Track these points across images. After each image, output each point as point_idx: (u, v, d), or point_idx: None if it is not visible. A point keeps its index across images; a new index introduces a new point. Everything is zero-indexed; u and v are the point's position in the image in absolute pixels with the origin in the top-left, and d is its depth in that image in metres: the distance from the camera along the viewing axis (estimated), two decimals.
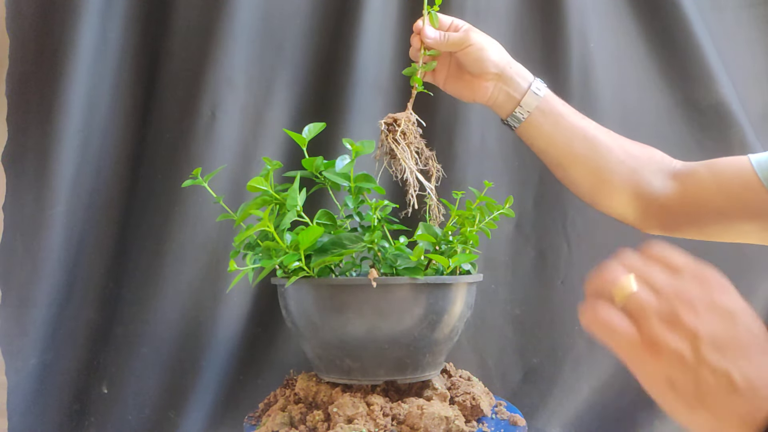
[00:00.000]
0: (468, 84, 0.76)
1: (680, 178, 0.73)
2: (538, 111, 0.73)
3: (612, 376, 1.01)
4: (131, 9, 0.95)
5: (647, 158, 0.75)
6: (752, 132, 1.00)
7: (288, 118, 0.97)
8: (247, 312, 0.97)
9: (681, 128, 1.02)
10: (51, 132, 0.89)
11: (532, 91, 0.73)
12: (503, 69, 0.74)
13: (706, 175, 0.70)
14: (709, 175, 0.70)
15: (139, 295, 0.94)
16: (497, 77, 0.74)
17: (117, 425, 0.94)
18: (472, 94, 0.76)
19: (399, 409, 0.65)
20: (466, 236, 0.71)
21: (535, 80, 0.74)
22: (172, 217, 0.93)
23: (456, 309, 0.68)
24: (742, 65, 1.04)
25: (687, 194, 0.71)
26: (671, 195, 0.72)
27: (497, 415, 0.72)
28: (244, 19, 0.94)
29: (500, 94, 0.75)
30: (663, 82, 1.03)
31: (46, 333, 0.92)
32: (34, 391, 0.92)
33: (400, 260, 0.67)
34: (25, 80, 0.91)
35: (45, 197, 0.90)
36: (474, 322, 1.00)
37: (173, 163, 0.94)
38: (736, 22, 1.05)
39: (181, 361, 0.94)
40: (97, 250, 0.95)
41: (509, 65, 0.74)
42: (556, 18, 1.00)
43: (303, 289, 0.66)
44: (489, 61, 0.73)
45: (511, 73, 0.74)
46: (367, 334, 0.64)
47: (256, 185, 0.67)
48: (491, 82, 0.74)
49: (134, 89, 0.96)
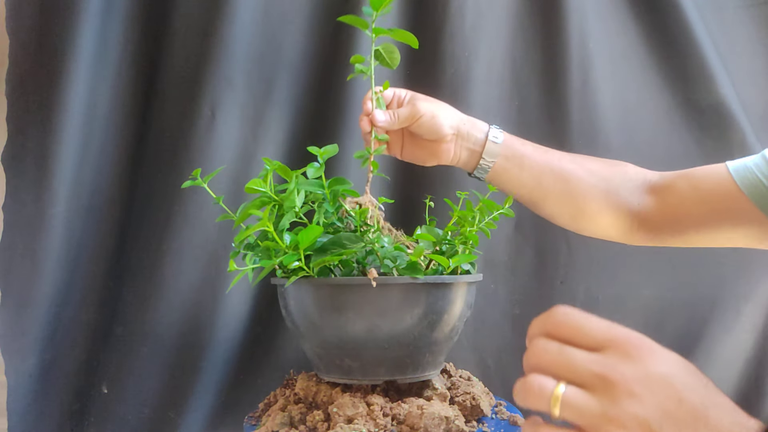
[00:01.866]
0: (427, 150, 0.76)
1: (658, 191, 0.73)
2: (501, 157, 0.73)
3: None
4: (131, 9, 0.95)
5: (620, 177, 0.75)
6: (752, 132, 1.00)
7: (288, 118, 0.98)
8: (247, 312, 0.97)
9: (681, 128, 1.02)
10: (51, 132, 0.89)
11: (491, 141, 0.74)
12: (458, 128, 0.74)
13: (684, 186, 0.71)
14: (687, 186, 0.71)
15: (139, 295, 0.94)
16: (455, 137, 0.74)
17: (117, 425, 0.94)
18: (434, 159, 0.76)
19: (399, 409, 0.65)
20: (466, 236, 0.71)
21: (490, 128, 0.75)
22: (172, 217, 0.93)
23: (456, 308, 0.68)
24: (742, 65, 1.04)
25: (667, 207, 0.72)
26: (651, 209, 0.73)
27: (497, 415, 0.72)
28: (244, 19, 0.94)
29: (462, 151, 0.75)
30: (663, 82, 1.03)
31: (45, 333, 0.92)
32: (34, 391, 0.92)
33: (399, 260, 0.67)
34: (25, 80, 0.91)
35: (45, 197, 0.90)
36: (474, 322, 1.00)
37: (173, 163, 0.94)
38: (736, 22, 1.05)
39: (181, 361, 0.94)
40: (97, 250, 0.95)
41: (462, 122, 0.74)
42: (556, 18, 1.00)
43: (303, 288, 0.66)
44: (443, 126, 0.73)
45: (467, 128, 0.74)
46: (367, 333, 0.64)
47: (254, 187, 0.67)
48: (450, 143, 0.74)
49: (134, 89, 0.96)
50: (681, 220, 0.71)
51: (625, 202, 0.74)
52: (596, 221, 0.75)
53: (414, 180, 0.99)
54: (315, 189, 0.69)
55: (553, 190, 0.74)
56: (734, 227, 0.68)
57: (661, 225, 0.73)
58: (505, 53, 1.01)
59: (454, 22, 0.98)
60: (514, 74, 1.02)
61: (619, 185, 0.74)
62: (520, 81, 1.02)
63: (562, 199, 0.75)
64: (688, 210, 0.70)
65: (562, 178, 0.74)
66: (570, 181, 0.74)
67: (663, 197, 0.73)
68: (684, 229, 0.72)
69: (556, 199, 0.75)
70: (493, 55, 1.00)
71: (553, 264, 1.01)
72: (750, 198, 0.65)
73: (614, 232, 0.76)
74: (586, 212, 0.75)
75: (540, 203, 0.76)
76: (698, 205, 0.70)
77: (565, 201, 0.75)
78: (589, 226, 0.77)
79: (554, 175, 0.74)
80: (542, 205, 0.77)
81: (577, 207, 0.74)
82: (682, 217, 0.71)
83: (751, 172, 0.66)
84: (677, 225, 0.72)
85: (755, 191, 0.65)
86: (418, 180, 0.99)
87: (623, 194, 0.74)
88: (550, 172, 0.74)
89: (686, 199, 0.71)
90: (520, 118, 1.01)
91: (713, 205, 0.68)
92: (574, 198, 0.74)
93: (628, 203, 0.74)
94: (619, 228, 0.75)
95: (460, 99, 0.97)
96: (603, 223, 0.75)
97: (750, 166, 0.67)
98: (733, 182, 0.66)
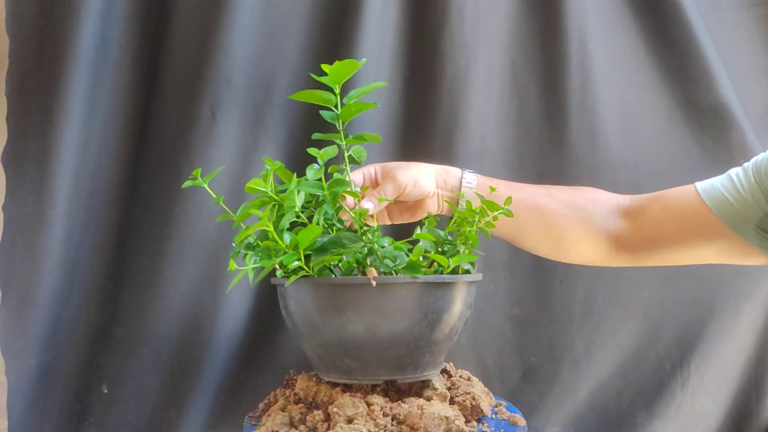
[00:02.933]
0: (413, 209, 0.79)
1: (631, 214, 0.77)
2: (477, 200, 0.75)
3: (611, 375, 1.01)
4: (131, 9, 0.95)
5: (593, 204, 0.79)
6: (752, 132, 1.00)
7: (288, 118, 0.98)
8: (247, 312, 0.97)
9: (681, 128, 1.02)
10: (51, 132, 0.89)
11: (465, 186, 0.77)
12: (437, 182, 0.77)
13: (656, 208, 0.75)
14: (659, 208, 0.75)
15: (139, 296, 0.94)
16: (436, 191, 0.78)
17: (117, 425, 0.94)
18: (422, 213, 0.79)
19: (399, 409, 0.65)
20: (466, 236, 0.71)
21: (463, 174, 0.78)
22: (172, 218, 0.93)
23: (456, 308, 0.68)
24: (742, 65, 1.04)
25: (642, 228, 0.76)
26: (627, 232, 0.76)
27: (497, 415, 0.72)
28: (244, 20, 0.94)
29: (442, 200, 0.78)
30: (663, 82, 1.02)
31: (46, 333, 0.92)
32: (34, 391, 0.92)
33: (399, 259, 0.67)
34: (25, 80, 0.92)
35: (45, 197, 0.90)
36: (473, 322, 1.00)
37: (173, 163, 0.94)
38: (736, 22, 1.05)
39: (181, 361, 0.94)
40: (97, 251, 0.95)
41: (438, 174, 0.78)
42: (555, 18, 1.00)
43: (303, 288, 0.66)
44: (425, 186, 0.76)
45: (443, 178, 0.78)
46: (366, 333, 0.64)
47: (254, 186, 0.67)
48: (433, 197, 0.78)
49: (134, 89, 0.96)
50: (656, 239, 0.75)
51: (600, 227, 0.77)
52: (576, 249, 0.79)
53: None
54: (315, 190, 0.69)
55: (529, 225, 0.78)
56: (706, 244, 0.72)
57: (638, 246, 0.77)
58: (504, 54, 1.01)
59: (454, 24, 0.98)
60: (514, 75, 1.02)
61: (592, 212, 0.78)
62: (520, 82, 1.02)
63: (539, 232, 0.78)
64: (661, 230, 0.74)
65: (537, 212, 0.77)
66: (545, 214, 0.77)
67: (637, 219, 0.76)
68: (660, 248, 0.75)
69: (534, 232, 0.79)
70: (492, 56, 1.00)
71: (552, 264, 1.00)
72: (717, 215, 0.69)
73: (595, 257, 0.80)
74: (564, 242, 0.78)
75: (519, 238, 0.80)
76: (671, 225, 0.74)
77: (543, 234, 0.78)
78: (570, 254, 0.80)
79: (529, 210, 0.77)
80: (522, 240, 0.80)
81: (555, 238, 0.78)
82: (656, 237, 0.75)
83: (718, 191, 0.71)
84: (653, 245, 0.76)
85: (721, 208, 0.69)
86: None
87: (597, 220, 0.77)
88: (525, 208, 0.77)
89: (659, 220, 0.75)
90: (520, 119, 1.01)
91: (685, 224, 0.72)
92: (551, 230, 0.78)
93: (604, 228, 0.77)
94: (599, 253, 0.78)
95: (460, 100, 0.98)
96: (583, 250, 0.79)
97: (716, 185, 0.71)
98: (702, 201, 0.71)
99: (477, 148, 0.99)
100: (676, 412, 1.01)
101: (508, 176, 1.01)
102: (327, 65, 0.69)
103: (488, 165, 1.00)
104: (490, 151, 1.00)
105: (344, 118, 0.72)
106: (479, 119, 0.99)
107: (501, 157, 1.01)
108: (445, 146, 0.98)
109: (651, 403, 1.01)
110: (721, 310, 1.01)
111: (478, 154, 0.99)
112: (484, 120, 0.99)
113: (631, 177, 1.01)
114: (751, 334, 1.02)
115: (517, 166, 1.02)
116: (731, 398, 1.02)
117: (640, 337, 1.01)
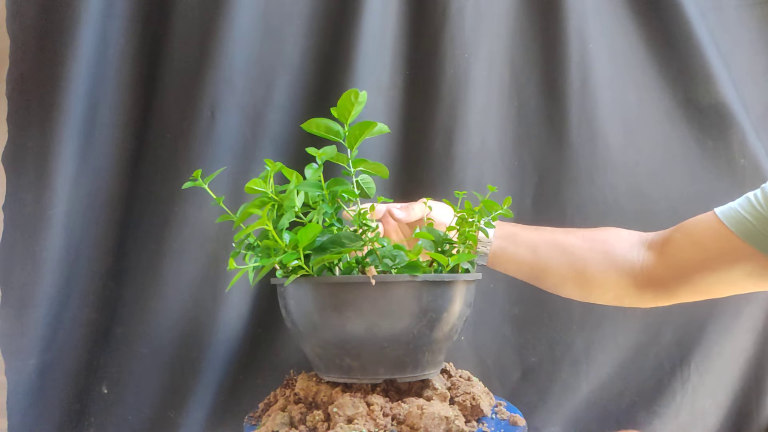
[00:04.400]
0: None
1: (656, 246, 0.76)
2: (495, 238, 0.76)
3: (611, 375, 1.01)
4: (131, 9, 0.95)
5: (615, 237, 0.78)
6: (752, 132, 1.00)
7: (288, 119, 0.98)
8: (247, 312, 0.97)
9: (681, 128, 1.02)
10: (51, 132, 0.90)
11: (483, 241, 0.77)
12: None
13: (679, 237, 0.74)
14: (682, 236, 0.74)
15: (139, 295, 0.94)
16: None
17: (117, 425, 0.94)
18: None
19: (399, 409, 0.65)
20: (465, 236, 0.71)
21: None
22: (172, 217, 0.94)
23: (455, 307, 0.68)
24: (742, 65, 1.04)
25: (668, 259, 0.74)
26: (653, 264, 0.75)
27: (497, 415, 0.72)
28: (244, 20, 0.94)
29: None
30: (663, 82, 1.03)
31: (46, 333, 0.92)
32: (34, 391, 0.92)
33: (398, 258, 0.67)
34: (25, 80, 0.92)
35: (45, 197, 0.90)
36: (473, 322, 1.00)
37: (173, 163, 0.94)
38: (736, 22, 1.05)
39: (181, 361, 0.94)
40: (97, 250, 0.95)
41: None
42: (555, 18, 1.00)
43: (302, 287, 0.66)
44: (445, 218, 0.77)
45: None
46: (366, 332, 0.64)
47: (254, 187, 0.67)
48: None
49: (134, 89, 0.96)
50: (682, 268, 0.74)
51: (625, 259, 0.76)
52: (602, 284, 0.77)
53: (414, 179, 1.00)
54: (314, 190, 0.69)
55: (552, 260, 0.76)
56: (732, 266, 0.71)
57: (666, 277, 0.75)
58: (504, 54, 1.01)
59: (454, 24, 0.98)
60: (514, 75, 1.02)
61: (614, 244, 0.77)
62: (520, 81, 1.02)
63: (563, 268, 0.77)
64: (687, 257, 0.73)
65: (559, 247, 0.76)
66: (566, 249, 0.76)
67: (661, 250, 0.75)
68: (688, 277, 0.74)
69: (557, 268, 0.77)
70: (492, 56, 1.00)
71: None
72: (739, 236, 0.69)
73: (622, 293, 0.77)
74: (588, 276, 0.76)
75: (543, 276, 0.78)
76: (695, 250, 0.73)
77: (567, 269, 0.76)
78: (595, 290, 0.78)
79: (549, 246, 0.77)
80: (545, 277, 0.78)
81: (579, 272, 0.76)
82: (682, 265, 0.74)
83: (737, 212, 0.70)
84: (680, 274, 0.74)
85: (743, 228, 0.69)
86: (418, 179, 0.99)
87: (621, 253, 0.76)
88: (545, 243, 0.76)
89: (683, 248, 0.74)
90: (520, 119, 1.01)
91: (709, 248, 0.72)
92: (574, 264, 0.76)
93: (628, 260, 0.76)
94: (626, 287, 0.76)
95: (460, 100, 0.98)
96: (609, 285, 0.77)
97: (735, 207, 0.71)
98: (722, 224, 0.70)
99: (477, 147, 0.99)
100: (676, 412, 1.01)
101: (508, 176, 1.02)
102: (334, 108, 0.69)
103: (488, 165, 1.00)
104: (490, 150, 1.01)
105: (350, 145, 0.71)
106: (479, 119, 0.99)
107: (501, 156, 1.01)
108: (445, 146, 0.98)
109: (651, 402, 1.01)
110: (721, 310, 1.01)
111: (478, 154, 0.99)
112: (484, 120, 0.99)
113: (631, 177, 1.01)
114: (751, 334, 1.02)
115: (517, 165, 1.02)
116: (731, 398, 1.02)
117: (640, 337, 1.01)
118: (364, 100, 0.70)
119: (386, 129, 0.73)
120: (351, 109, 0.70)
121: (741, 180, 0.99)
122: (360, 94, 0.70)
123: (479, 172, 0.99)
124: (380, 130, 0.72)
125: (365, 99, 0.71)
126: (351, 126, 0.71)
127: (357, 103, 0.70)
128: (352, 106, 0.70)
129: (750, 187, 0.74)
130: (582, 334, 1.00)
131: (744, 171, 0.99)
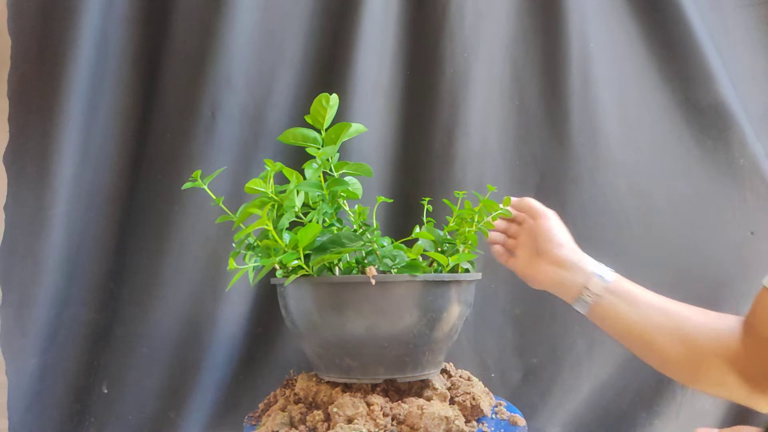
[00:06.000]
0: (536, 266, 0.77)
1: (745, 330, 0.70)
2: (608, 293, 0.73)
3: (612, 375, 1.01)
4: (131, 9, 0.95)
5: (715, 315, 0.73)
6: (752, 132, 1.00)
7: (288, 118, 0.98)
8: (247, 312, 0.97)
9: (681, 128, 1.02)
10: (51, 132, 0.90)
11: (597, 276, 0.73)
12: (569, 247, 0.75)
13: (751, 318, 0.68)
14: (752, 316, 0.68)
15: (139, 295, 0.94)
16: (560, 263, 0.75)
17: (117, 425, 0.94)
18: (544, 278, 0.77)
19: (399, 409, 0.65)
20: (465, 236, 0.71)
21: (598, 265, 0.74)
22: (172, 217, 0.94)
23: (455, 307, 0.68)
24: (742, 65, 1.04)
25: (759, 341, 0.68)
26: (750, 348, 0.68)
27: (497, 415, 0.72)
28: (244, 20, 0.94)
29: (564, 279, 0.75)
30: (663, 82, 1.03)
31: (46, 333, 0.92)
32: (34, 390, 0.92)
33: (398, 258, 0.67)
34: (25, 81, 0.92)
35: (45, 197, 0.90)
36: (474, 322, 1.00)
37: (173, 163, 0.94)
38: (736, 22, 1.05)
39: (181, 361, 0.94)
40: (97, 250, 0.95)
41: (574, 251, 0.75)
42: (556, 18, 1.00)
43: (302, 287, 0.66)
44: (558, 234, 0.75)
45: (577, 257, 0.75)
46: (366, 332, 0.64)
47: (254, 187, 0.67)
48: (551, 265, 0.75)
49: (134, 89, 0.96)
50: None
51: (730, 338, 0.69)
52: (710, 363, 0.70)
53: (413, 179, 1.00)
54: (314, 190, 0.69)
55: (663, 326, 0.71)
56: None
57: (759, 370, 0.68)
58: (504, 53, 1.01)
59: (454, 23, 0.98)
60: (514, 74, 1.02)
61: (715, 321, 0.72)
62: (520, 81, 1.02)
63: (672, 335, 0.71)
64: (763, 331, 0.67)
65: (671, 315, 0.72)
66: (677, 318, 0.71)
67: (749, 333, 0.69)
68: None
69: (668, 335, 0.71)
70: (492, 55, 1.00)
71: None
72: None
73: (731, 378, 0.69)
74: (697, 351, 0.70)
75: (649, 340, 0.73)
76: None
77: (676, 338, 0.71)
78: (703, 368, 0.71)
79: (662, 311, 0.72)
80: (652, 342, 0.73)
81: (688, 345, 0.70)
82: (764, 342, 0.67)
83: None
84: None
85: None
86: (418, 179, 0.99)
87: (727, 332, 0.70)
88: (658, 308, 0.72)
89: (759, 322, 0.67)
90: (520, 118, 1.01)
91: None
92: (686, 335, 0.71)
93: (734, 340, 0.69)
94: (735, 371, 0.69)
95: (460, 99, 0.98)
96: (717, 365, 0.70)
97: None
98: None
99: (477, 147, 0.99)
100: (677, 412, 1.01)
101: (508, 175, 1.01)
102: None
103: (489, 164, 1.00)
104: (491, 150, 1.01)
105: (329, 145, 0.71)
106: (480, 118, 0.99)
107: (502, 156, 1.01)
108: (445, 146, 0.98)
109: (651, 402, 1.01)
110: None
111: (478, 154, 0.99)
112: (484, 119, 0.99)
113: (631, 177, 1.01)
114: None
115: (518, 165, 1.02)
116: None
117: None
118: (336, 104, 0.70)
119: (363, 129, 0.73)
120: (325, 113, 0.70)
121: (740, 180, 0.99)
122: (330, 97, 0.70)
123: (480, 172, 0.99)
124: (357, 131, 0.72)
125: (337, 102, 0.71)
126: (327, 130, 0.71)
127: (329, 107, 0.69)
128: (326, 111, 0.70)
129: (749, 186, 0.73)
130: (583, 334, 1.00)
131: (743, 171, 0.99)
